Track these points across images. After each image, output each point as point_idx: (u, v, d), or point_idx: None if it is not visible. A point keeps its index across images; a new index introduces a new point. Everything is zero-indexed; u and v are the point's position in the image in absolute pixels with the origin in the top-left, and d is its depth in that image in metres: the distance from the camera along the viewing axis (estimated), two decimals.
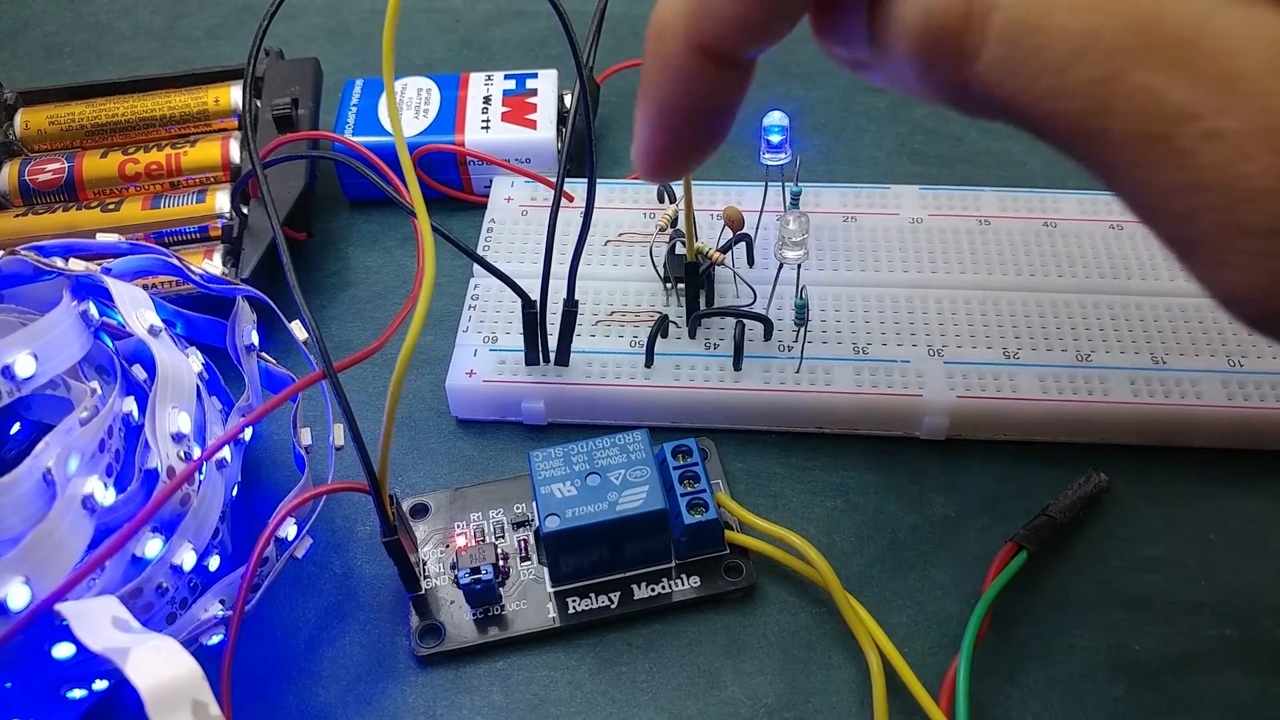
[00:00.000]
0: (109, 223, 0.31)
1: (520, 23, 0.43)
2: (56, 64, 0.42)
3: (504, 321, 0.29)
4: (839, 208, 0.32)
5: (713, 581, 0.25)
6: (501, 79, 0.35)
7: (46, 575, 0.18)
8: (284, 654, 0.25)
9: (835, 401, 0.27)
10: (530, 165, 0.34)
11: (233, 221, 0.31)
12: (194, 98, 0.34)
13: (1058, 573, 0.25)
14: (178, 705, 0.16)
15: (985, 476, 0.27)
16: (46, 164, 0.33)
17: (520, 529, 0.26)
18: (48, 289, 0.23)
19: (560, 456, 0.24)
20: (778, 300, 0.29)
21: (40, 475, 0.18)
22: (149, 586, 0.20)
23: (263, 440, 0.28)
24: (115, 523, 0.20)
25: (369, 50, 0.42)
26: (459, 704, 0.24)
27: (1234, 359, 0.27)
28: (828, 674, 0.24)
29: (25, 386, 0.20)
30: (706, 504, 0.24)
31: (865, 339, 0.28)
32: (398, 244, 0.34)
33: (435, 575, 0.25)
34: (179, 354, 0.23)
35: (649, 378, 0.28)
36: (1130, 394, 0.26)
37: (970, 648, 0.22)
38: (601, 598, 0.25)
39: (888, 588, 0.25)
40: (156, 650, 0.17)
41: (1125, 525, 0.26)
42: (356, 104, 0.35)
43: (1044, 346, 0.28)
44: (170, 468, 0.21)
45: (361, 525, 0.27)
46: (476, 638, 0.24)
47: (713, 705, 0.23)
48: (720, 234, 0.29)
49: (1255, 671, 0.23)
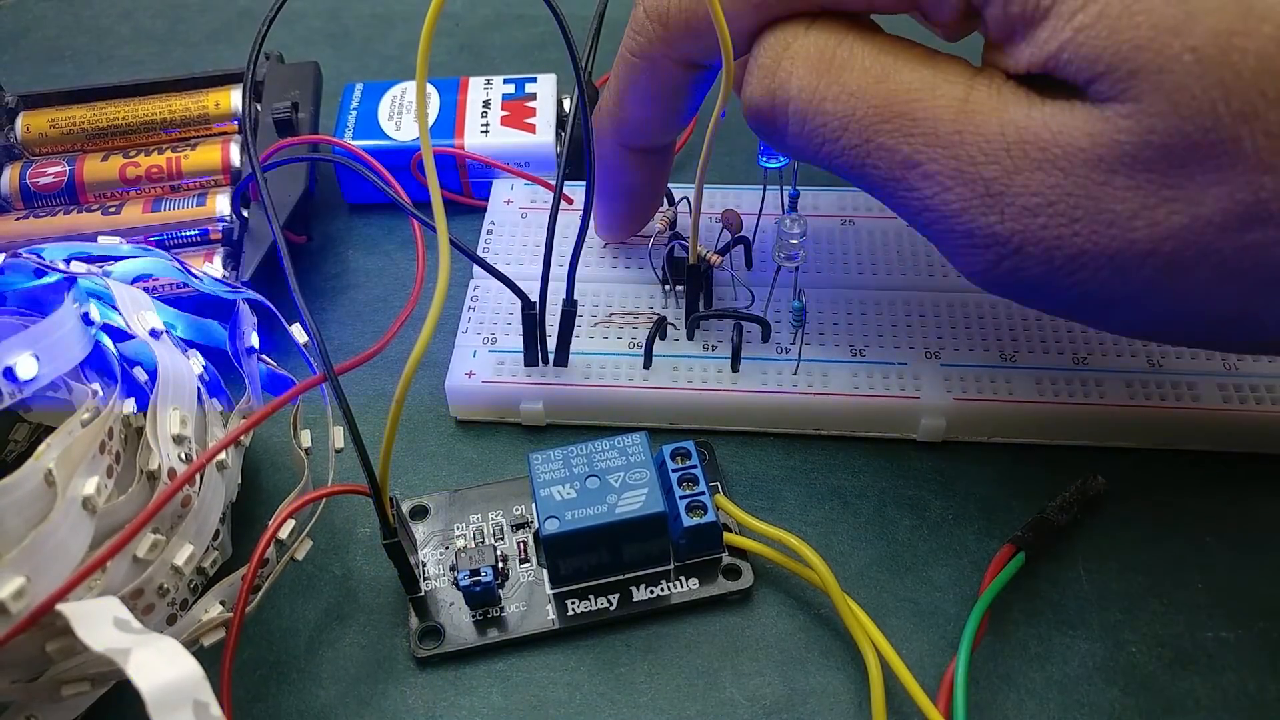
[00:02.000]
0: (110, 225, 0.31)
1: (519, 27, 0.43)
2: (58, 68, 0.42)
3: (503, 323, 0.29)
4: (837, 211, 0.32)
5: (711, 583, 0.25)
6: (501, 83, 0.36)
7: (47, 576, 0.18)
8: (284, 655, 0.25)
9: (833, 404, 0.27)
10: (529, 169, 0.34)
11: (233, 224, 0.31)
12: (194, 101, 0.34)
13: (1055, 574, 0.25)
14: (179, 705, 0.17)
15: (982, 478, 0.27)
16: (48, 167, 0.33)
17: (519, 531, 0.26)
18: (49, 291, 0.23)
19: (559, 459, 0.24)
20: (775, 303, 0.29)
21: (41, 477, 0.19)
22: (150, 587, 0.20)
23: (263, 442, 0.29)
24: (116, 524, 0.20)
25: (369, 54, 0.42)
26: (458, 705, 0.24)
27: (1230, 362, 0.27)
28: (826, 675, 0.24)
29: (27, 388, 0.20)
30: (705, 506, 0.24)
31: (862, 341, 0.28)
32: (397, 247, 0.34)
33: (435, 577, 0.25)
34: (180, 356, 0.23)
35: (647, 379, 0.28)
36: (1127, 396, 0.27)
37: (968, 649, 0.22)
38: (601, 600, 0.25)
39: (886, 589, 0.25)
40: (158, 651, 0.17)
41: (1122, 527, 0.26)
42: (356, 108, 0.35)
43: (1040, 349, 0.28)
44: (171, 469, 0.21)
45: (361, 527, 0.27)
46: (476, 639, 0.24)
47: (711, 706, 0.23)
48: (719, 236, 0.30)
49: (1253, 674, 0.23)
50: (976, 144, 0.19)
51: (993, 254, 0.20)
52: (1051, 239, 0.19)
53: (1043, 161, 0.19)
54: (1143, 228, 0.18)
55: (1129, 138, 0.18)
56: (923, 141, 0.20)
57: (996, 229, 0.19)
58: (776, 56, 0.22)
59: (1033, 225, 0.19)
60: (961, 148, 0.19)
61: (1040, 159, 0.19)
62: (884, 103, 0.20)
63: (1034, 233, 0.19)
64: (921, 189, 0.20)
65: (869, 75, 0.20)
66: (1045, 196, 0.19)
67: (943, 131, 0.20)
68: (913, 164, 0.20)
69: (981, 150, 0.19)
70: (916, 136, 0.20)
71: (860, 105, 0.20)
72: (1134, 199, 0.18)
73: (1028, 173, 0.19)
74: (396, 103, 0.35)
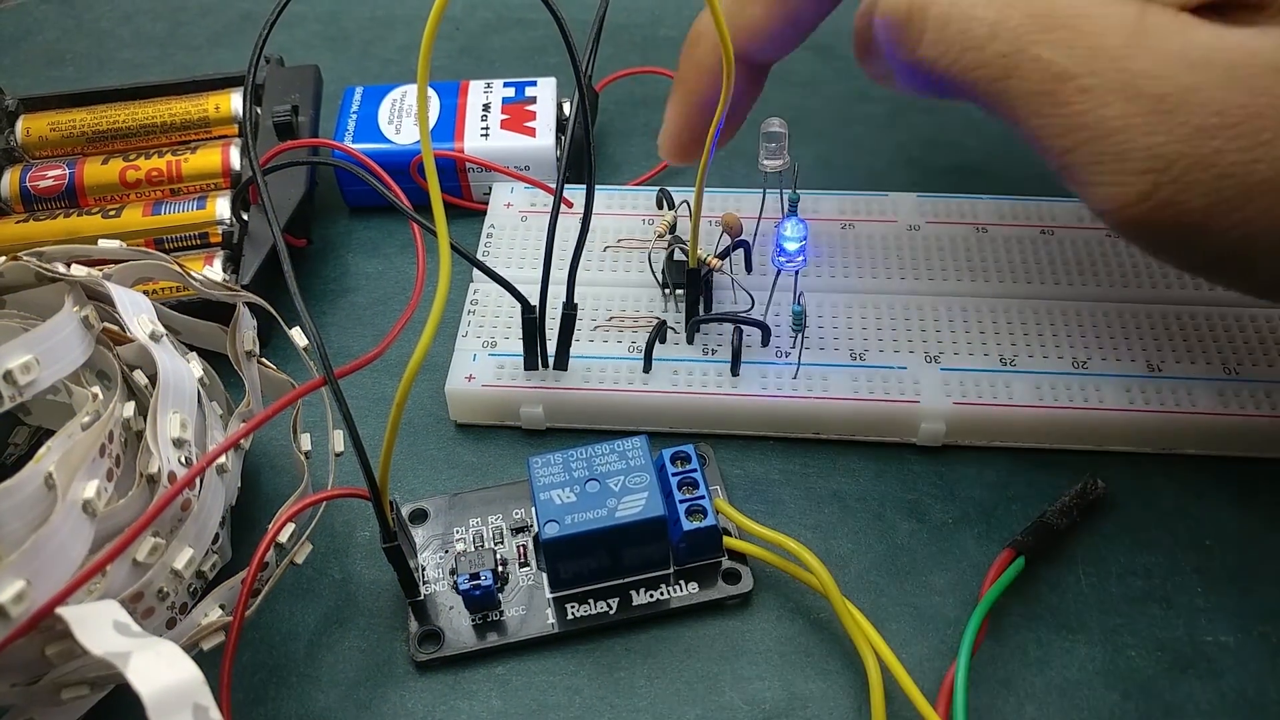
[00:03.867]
0: (110, 229, 0.31)
1: (519, 31, 0.43)
2: (58, 71, 0.42)
3: (503, 326, 0.29)
4: (837, 214, 0.32)
5: (711, 587, 0.25)
6: (501, 86, 0.36)
7: (47, 579, 0.18)
8: (284, 659, 0.25)
9: (833, 408, 0.27)
10: (529, 173, 0.34)
11: (233, 228, 0.31)
12: (195, 105, 0.34)
13: (1055, 578, 0.25)
14: (179, 709, 0.16)
15: (982, 483, 0.27)
16: (48, 170, 0.33)
17: (519, 535, 0.26)
18: (49, 294, 0.23)
19: (559, 463, 0.24)
20: (775, 306, 0.29)
21: (41, 480, 0.19)
22: (150, 591, 0.20)
23: (263, 445, 0.29)
24: (116, 527, 0.20)
25: (369, 58, 0.42)
26: (458, 709, 0.24)
27: (1230, 366, 0.27)
28: (825, 680, 0.24)
29: (27, 391, 0.20)
30: (705, 510, 0.24)
31: (862, 345, 0.28)
32: (397, 250, 0.34)
33: (434, 581, 0.25)
34: (180, 359, 0.23)
35: (647, 383, 0.28)
36: (1126, 401, 0.27)
37: (968, 653, 0.22)
38: (600, 604, 0.25)
39: (885, 593, 0.25)
40: (157, 655, 0.17)
41: (1121, 531, 0.26)
42: (356, 111, 0.35)
43: (1040, 353, 0.28)
44: (171, 473, 0.21)
45: (361, 531, 0.27)
46: (475, 643, 0.24)
47: (711, 711, 0.23)
48: (719, 240, 0.30)
49: (1252, 678, 0.23)
50: (1152, 57, 0.18)
51: (1149, 180, 0.18)
52: (1226, 164, 0.17)
53: (1231, 79, 0.17)
54: None
55: None
56: (1087, 54, 0.18)
57: (1161, 150, 0.18)
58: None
59: (1206, 148, 0.17)
60: (1133, 61, 0.18)
61: (1229, 76, 0.17)
62: (1044, 11, 0.19)
63: (1206, 156, 0.17)
64: (1074, 103, 0.18)
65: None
66: (1228, 116, 0.17)
67: (1112, 45, 0.18)
68: (1070, 75, 0.18)
69: (1157, 64, 0.18)
70: (1079, 49, 0.18)
71: (1015, 12, 0.19)
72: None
73: (1211, 89, 0.17)
74: (396, 106, 0.35)
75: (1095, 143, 0.18)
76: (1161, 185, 0.18)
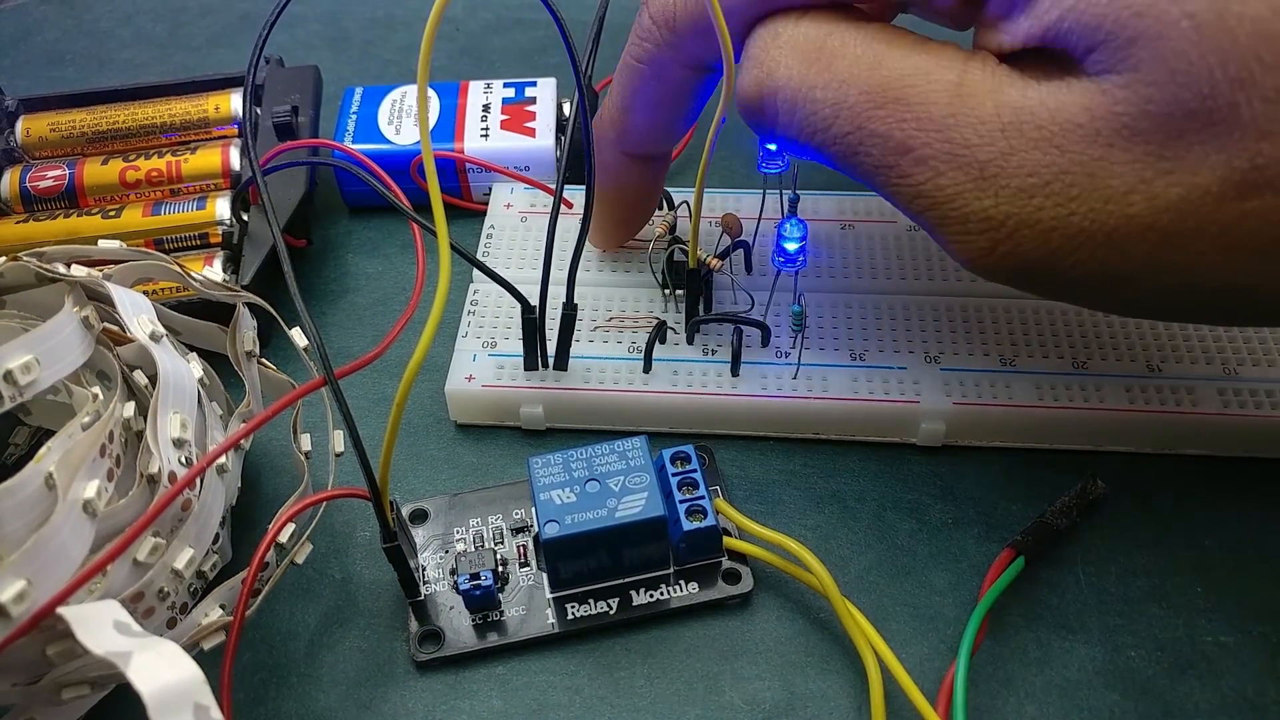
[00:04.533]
0: (110, 229, 0.31)
1: (519, 31, 0.43)
2: (58, 71, 0.42)
3: (503, 327, 0.29)
4: (837, 215, 0.32)
5: (711, 588, 0.25)
6: (501, 87, 0.36)
7: (48, 579, 0.18)
8: (284, 659, 0.25)
9: (832, 408, 0.27)
10: (529, 173, 0.34)
11: (233, 228, 0.31)
12: (195, 105, 0.34)
13: (1054, 579, 0.25)
14: (179, 709, 0.17)
15: (982, 483, 0.27)
16: (48, 171, 0.33)
17: (519, 535, 0.26)
18: (49, 294, 0.23)
19: (559, 463, 0.24)
20: (775, 307, 0.29)
21: (42, 480, 0.19)
22: (150, 591, 0.20)
23: (263, 445, 0.29)
24: (117, 527, 0.20)
25: (368, 58, 0.42)
26: (458, 709, 0.24)
27: (1229, 367, 0.27)
28: (825, 680, 0.24)
29: (27, 391, 0.20)
30: (705, 510, 0.24)
31: (862, 346, 0.28)
32: (397, 251, 0.34)
33: (434, 581, 0.25)
34: (180, 360, 0.23)
35: (647, 383, 0.28)
36: (1126, 401, 0.27)
37: (968, 653, 0.22)
38: (600, 604, 0.25)
39: (885, 594, 0.25)
40: (158, 654, 0.17)
41: (1121, 531, 0.26)
42: (356, 112, 0.35)
43: (1040, 353, 0.28)
44: (171, 473, 0.21)
45: (361, 531, 0.27)
46: (475, 643, 0.24)
47: (711, 711, 0.23)
48: (718, 241, 0.30)
49: (1252, 678, 0.23)
50: (971, 126, 0.19)
51: (987, 239, 0.19)
52: (1048, 220, 0.19)
53: (1039, 141, 0.18)
54: (1140, 201, 0.18)
55: (1126, 108, 0.18)
56: (916, 126, 0.20)
57: (991, 212, 0.19)
58: (766, 45, 0.22)
59: (1028, 207, 0.19)
60: (955, 130, 0.19)
61: (1036, 138, 0.18)
62: (876, 89, 0.20)
63: (1030, 214, 0.19)
64: (914, 174, 0.20)
65: (860, 63, 0.20)
66: (1041, 176, 0.19)
67: (937, 115, 0.19)
68: (906, 149, 0.20)
69: (976, 132, 0.19)
70: (909, 121, 0.20)
71: (851, 92, 0.20)
72: (1131, 173, 0.18)
73: (1023, 153, 0.19)
74: (396, 107, 0.35)
75: (938, 208, 0.20)
76: (999, 241, 0.19)
